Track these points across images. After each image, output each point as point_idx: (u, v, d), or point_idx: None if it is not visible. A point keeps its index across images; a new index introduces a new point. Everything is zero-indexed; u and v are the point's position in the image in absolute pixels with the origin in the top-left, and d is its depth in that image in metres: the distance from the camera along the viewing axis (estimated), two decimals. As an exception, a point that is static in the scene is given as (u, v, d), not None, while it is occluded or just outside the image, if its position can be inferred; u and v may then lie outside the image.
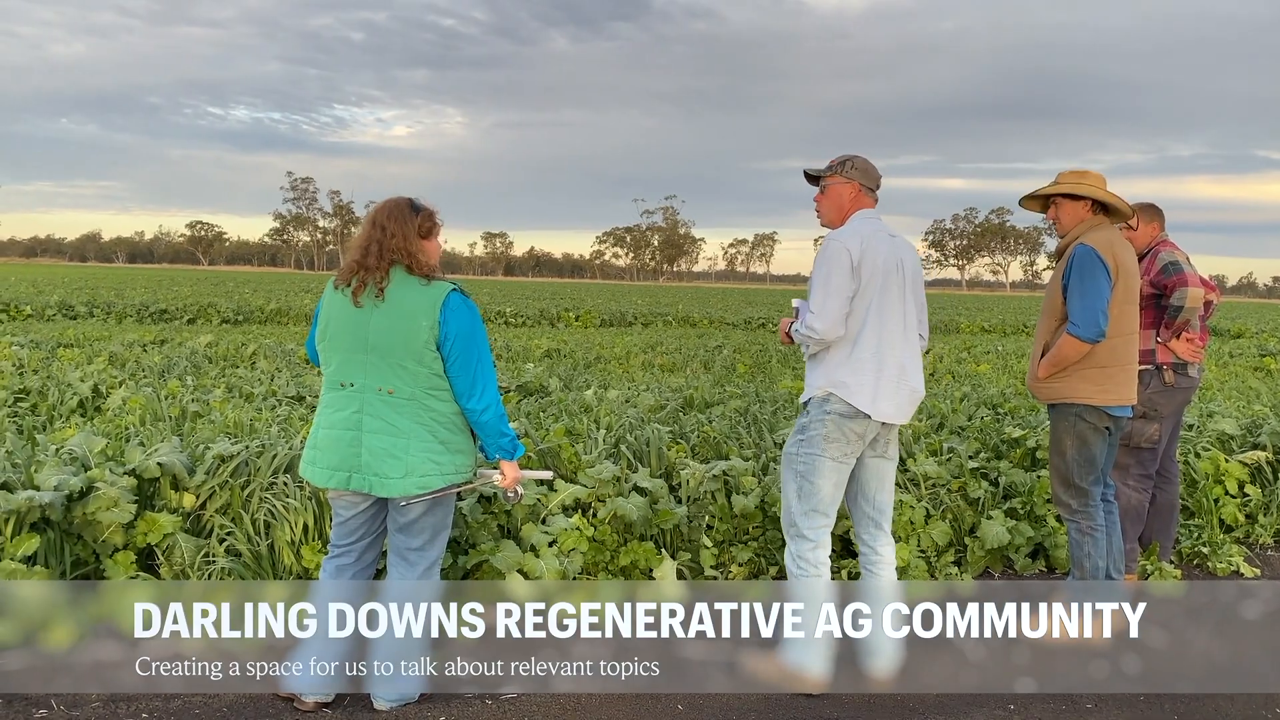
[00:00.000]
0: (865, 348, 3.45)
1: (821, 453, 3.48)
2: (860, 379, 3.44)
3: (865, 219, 3.58)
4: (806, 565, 3.52)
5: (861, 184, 3.61)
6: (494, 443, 3.22)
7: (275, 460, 4.36)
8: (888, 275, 3.47)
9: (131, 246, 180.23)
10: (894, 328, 3.50)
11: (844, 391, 3.44)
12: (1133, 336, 4.03)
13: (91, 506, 3.84)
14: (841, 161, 3.63)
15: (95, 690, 3.38)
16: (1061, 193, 4.04)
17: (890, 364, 3.48)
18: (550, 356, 13.83)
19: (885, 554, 3.69)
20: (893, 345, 3.49)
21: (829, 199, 3.64)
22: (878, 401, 3.46)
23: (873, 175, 3.65)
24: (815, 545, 3.52)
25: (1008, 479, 5.39)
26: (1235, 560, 5.23)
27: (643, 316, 29.10)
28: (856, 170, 3.61)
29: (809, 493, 3.52)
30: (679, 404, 7.43)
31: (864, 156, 3.66)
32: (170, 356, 10.61)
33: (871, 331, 3.45)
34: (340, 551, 3.32)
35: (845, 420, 3.46)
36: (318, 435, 3.21)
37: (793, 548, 3.56)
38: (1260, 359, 16.86)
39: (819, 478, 3.50)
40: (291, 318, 24.02)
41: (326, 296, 3.20)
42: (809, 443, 3.51)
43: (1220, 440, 6.25)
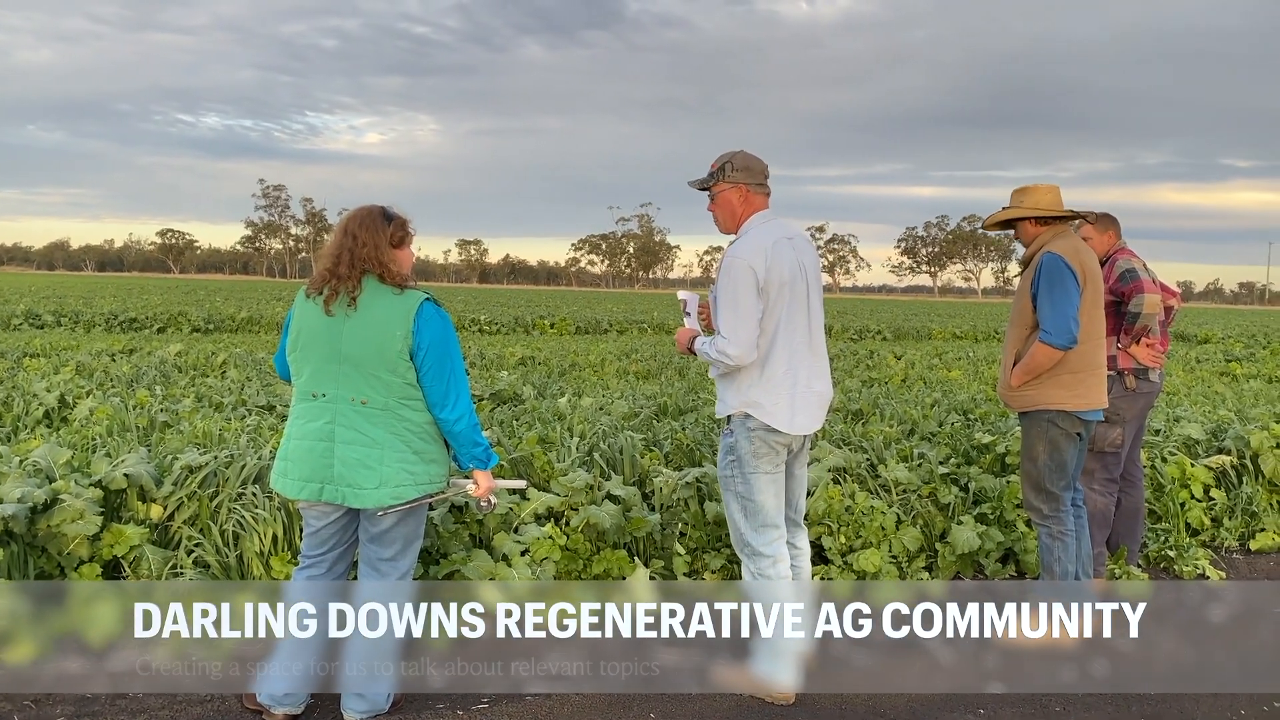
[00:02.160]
0: (777, 366, 3.42)
1: (755, 470, 3.47)
2: (774, 398, 3.41)
3: (763, 224, 3.49)
4: (769, 582, 3.49)
5: (748, 184, 3.49)
6: (467, 452, 3.21)
7: (244, 471, 4.32)
8: (793, 286, 3.42)
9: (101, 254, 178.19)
10: (800, 338, 3.48)
11: (759, 412, 3.42)
12: (1101, 341, 4.09)
13: (56, 519, 3.79)
14: (721, 166, 3.51)
15: (61, 705, 3.33)
16: (1004, 220, 4.18)
17: (801, 377, 3.46)
18: (525, 364, 13.80)
19: (804, 546, 3.75)
20: (802, 357, 3.47)
21: (720, 207, 3.54)
22: (795, 417, 3.45)
23: (757, 170, 3.52)
24: (774, 560, 3.50)
25: (978, 484, 5.44)
26: (1201, 564, 5.30)
27: (618, 324, 29.08)
28: (739, 171, 3.49)
29: (754, 510, 3.49)
30: (653, 411, 7.44)
31: (745, 152, 3.53)
32: (139, 366, 10.49)
33: (782, 349, 3.42)
34: (311, 562, 3.29)
35: (768, 435, 3.45)
36: (288, 446, 3.18)
37: (752, 567, 3.52)
38: (1226, 364, 17.10)
39: (759, 494, 3.48)
40: (263, 326, 23.82)
41: (297, 306, 3.17)
42: (740, 462, 3.48)
43: (1186, 445, 6.33)
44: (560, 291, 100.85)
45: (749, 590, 3.53)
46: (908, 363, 15.17)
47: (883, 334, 28.63)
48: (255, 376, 10.12)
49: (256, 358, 12.24)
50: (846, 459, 5.39)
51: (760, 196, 3.53)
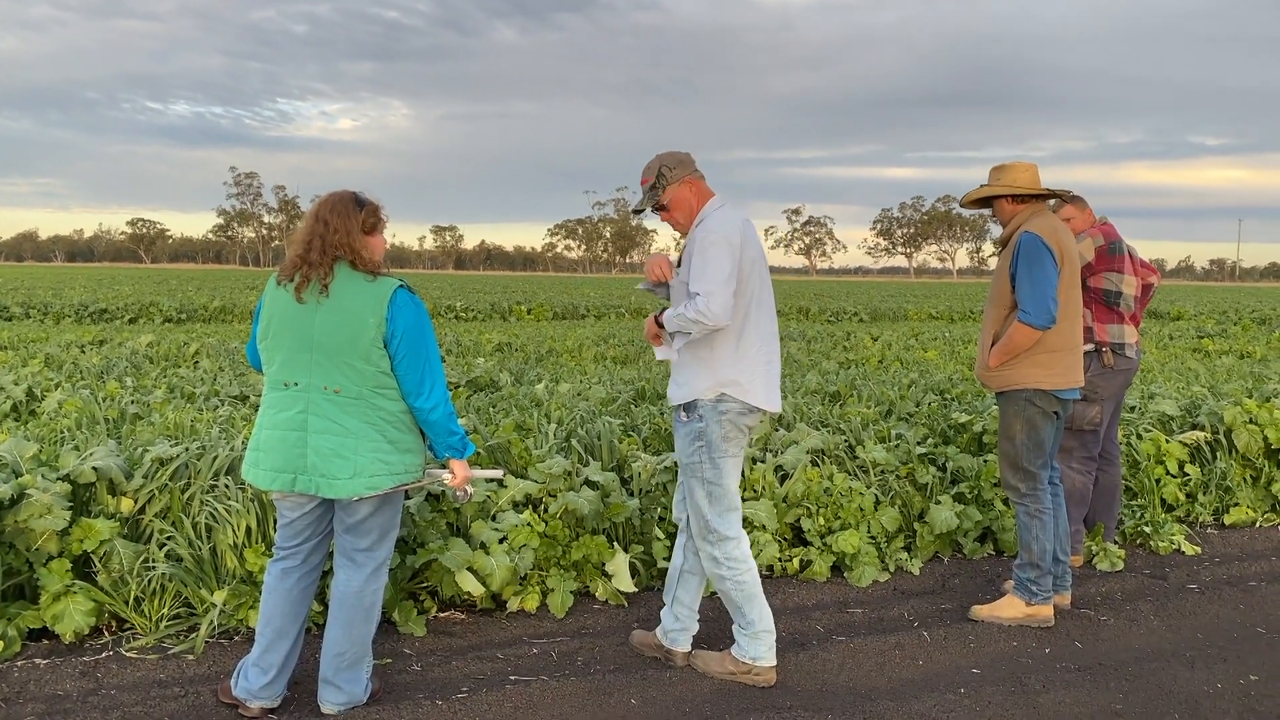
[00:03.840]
0: (750, 343, 3.41)
1: (724, 454, 3.43)
2: (752, 376, 3.40)
3: (720, 208, 3.45)
4: (737, 564, 3.46)
5: (690, 175, 3.48)
6: (443, 441, 3.17)
7: (216, 462, 4.25)
8: (760, 264, 3.45)
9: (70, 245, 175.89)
10: (769, 317, 3.51)
11: (738, 391, 3.38)
12: (1078, 321, 4.10)
13: (23, 514, 3.71)
14: (658, 174, 3.48)
15: (32, 704, 3.27)
16: (980, 197, 4.19)
17: (773, 356, 3.49)
18: (501, 351, 13.73)
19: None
20: (772, 335, 3.50)
21: (677, 208, 3.50)
22: (770, 394, 3.46)
23: (688, 161, 3.52)
24: (738, 540, 3.47)
25: (955, 464, 5.45)
26: (1177, 539, 5.34)
27: (595, 309, 29.02)
28: (676, 168, 3.48)
29: (719, 495, 3.45)
30: (631, 396, 7.41)
31: (665, 152, 3.53)
32: (109, 357, 10.35)
33: (754, 325, 3.42)
34: (286, 554, 3.24)
35: (740, 417, 3.42)
36: (260, 436, 3.13)
37: (715, 552, 3.47)
38: (1198, 341, 17.28)
39: (726, 478, 3.45)
40: (236, 315, 23.59)
41: (268, 293, 3.11)
42: (710, 448, 3.43)
43: (1161, 421, 6.38)
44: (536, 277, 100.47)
45: (719, 582, 3.50)
46: (884, 344, 15.22)
47: (859, 315, 28.71)
48: (228, 366, 10.01)
49: (229, 347, 12.11)
50: (825, 440, 5.38)
51: (703, 182, 3.53)
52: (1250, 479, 6.09)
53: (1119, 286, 4.74)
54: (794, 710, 3.29)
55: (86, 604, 3.68)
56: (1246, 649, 3.93)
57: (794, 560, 4.77)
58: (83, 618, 3.66)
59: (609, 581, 4.32)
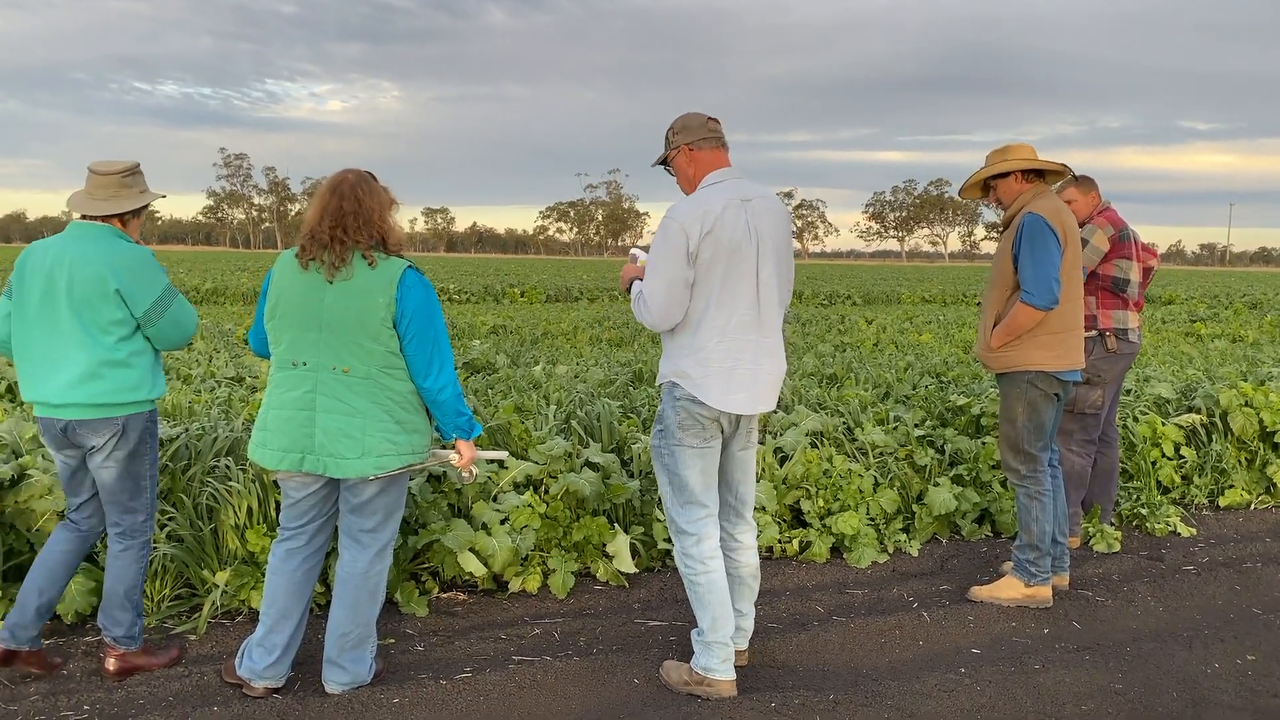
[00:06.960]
0: (707, 337, 3.15)
1: (679, 442, 3.23)
2: (705, 370, 3.16)
3: (716, 183, 3.21)
4: (693, 563, 3.27)
5: (689, 143, 3.26)
6: (451, 422, 3.15)
7: (217, 443, 4.25)
8: (736, 252, 3.13)
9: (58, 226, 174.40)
10: (745, 310, 3.18)
11: (687, 383, 3.18)
12: (1080, 302, 4.09)
13: (24, 494, 3.71)
14: (667, 138, 3.34)
15: (35, 684, 3.27)
16: (990, 175, 4.10)
17: (745, 351, 3.19)
18: (496, 333, 13.72)
19: (745, 540, 3.47)
20: (744, 329, 3.18)
21: (678, 174, 3.35)
22: (731, 394, 3.18)
23: (695, 127, 3.28)
24: (698, 539, 3.27)
25: (953, 446, 5.47)
26: (1173, 521, 5.37)
27: (589, 291, 28.98)
28: (679, 133, 3.29)
29: (679, 485, 3.27)
30: (628, 378, 7.42)
31: (686, 114, 3.32)
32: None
33: (714, 320, 3.15)
34: (290, 534, 3.24)
35: (694, 408, 3.19)
36: (267, 416, 3.11)
37: (677, 545, 3.33)
38: (1191, 324, 17.36)
39: (684, 469, 3.25)
40: (228, 297, 23.49)
41: (278, 272, 3.08)
42: (666, 433, 3.27)
43: (1157, 404, 6.41)
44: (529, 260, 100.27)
45: (687, 585, 3.35)
46: (879, 327, 15.25)
47: (852, 299, 28.73)
48: (223, 348, 9.97)
49: (223, 329, 12.07)
50: (823, 423, 5.40)
51: (707, 151, 3.27)
52: (1245, 461, 6.12)
53: (1128, 274, 4.76)
54: (795, 690, 3.31)
55: (88, 585, 3.68)
56: (1243, 629, 3.96)
57: (794, 542, 4.78)
58: (84, 598, 3.65)
59: (610, 562, 4.34)
